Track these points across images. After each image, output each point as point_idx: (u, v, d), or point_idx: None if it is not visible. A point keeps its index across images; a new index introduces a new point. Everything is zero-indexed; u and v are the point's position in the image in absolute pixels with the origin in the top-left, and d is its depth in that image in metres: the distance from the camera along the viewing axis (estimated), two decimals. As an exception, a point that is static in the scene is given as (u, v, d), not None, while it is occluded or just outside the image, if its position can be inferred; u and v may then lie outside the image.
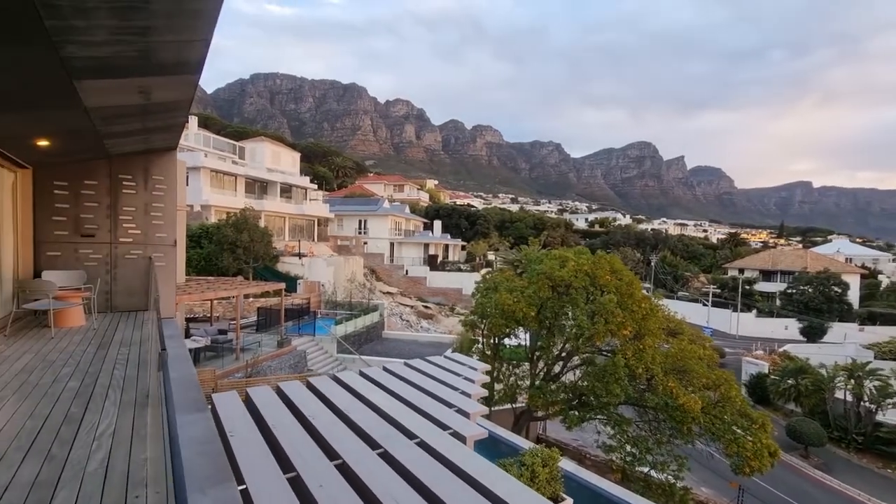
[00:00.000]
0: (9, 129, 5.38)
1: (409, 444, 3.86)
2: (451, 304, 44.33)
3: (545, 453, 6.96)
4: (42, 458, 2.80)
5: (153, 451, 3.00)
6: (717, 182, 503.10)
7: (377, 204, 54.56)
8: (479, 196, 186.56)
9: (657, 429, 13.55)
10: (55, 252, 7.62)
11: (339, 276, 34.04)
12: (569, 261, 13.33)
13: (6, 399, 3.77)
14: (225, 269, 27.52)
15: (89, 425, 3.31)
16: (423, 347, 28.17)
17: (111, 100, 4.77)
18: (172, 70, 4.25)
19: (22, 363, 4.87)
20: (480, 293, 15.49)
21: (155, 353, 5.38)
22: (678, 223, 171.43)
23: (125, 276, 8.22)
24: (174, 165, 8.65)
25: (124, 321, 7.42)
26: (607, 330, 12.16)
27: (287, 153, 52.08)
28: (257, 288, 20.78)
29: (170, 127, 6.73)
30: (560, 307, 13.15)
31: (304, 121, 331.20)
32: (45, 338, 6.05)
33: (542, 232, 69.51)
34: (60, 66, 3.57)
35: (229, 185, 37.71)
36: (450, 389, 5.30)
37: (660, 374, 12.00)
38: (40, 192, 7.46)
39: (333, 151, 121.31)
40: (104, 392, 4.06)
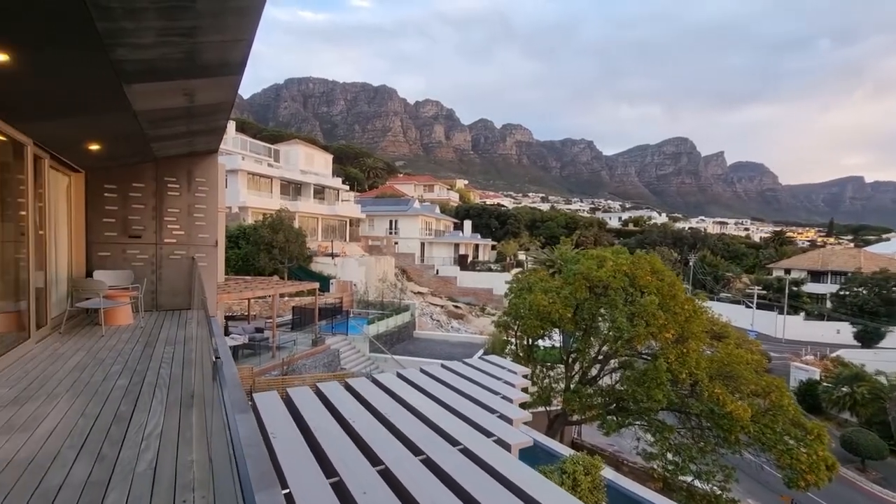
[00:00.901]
0: (64, 135, 5.59)
1: (451, 450, 3.73)
2: (482, 305, 44.05)
3: (587, 461, 6.70)
4: (93, 457, 2.83)
5: (198, 453, 2.98)
6: (759, 178, 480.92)
7: (408, 204, 54.86)
8: (508, 195, 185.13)
9: (700, 436, 12.95)
10: (105, 252, 7.91)
11: (371, 276, 34.37)
12: (607, 261, 12.90)
13: (60, 396, 3.88)
14: (261, 269, 28.26)
15: (138, 425, 3.34)
16: (453, 348, 28.06)
17: (158, 103, 4.86)
18: (216, 71, 4.27)
19: (75, 360, 5.03)
20: (514, 294, 15.23)
21: (200, 352, 5.46)
22: (717, 221, 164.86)
23: (169, 275, 8.46)
24: (215, 168, 8.85)
25: (169, 320, 7.63)
26: (648, 333, 11.69)
27: (320, 155, 53.13)
28: (292, 287, 21.19)
29: (212, 130, 6.85)
30: (597, 308, 12.75)
31: (336, 123, 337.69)
32: (97, 335, 6.27)
33: (574, 231, 68.14)
34: (111, 69, 3.63)
35: (265, 186, 38.74)
36: (490, 394, 5.14)
37: (705, 379, 11.43)
38: (92, 194, 7.76)
39: (364, 153, 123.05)
40: (151, 391, 4.12)
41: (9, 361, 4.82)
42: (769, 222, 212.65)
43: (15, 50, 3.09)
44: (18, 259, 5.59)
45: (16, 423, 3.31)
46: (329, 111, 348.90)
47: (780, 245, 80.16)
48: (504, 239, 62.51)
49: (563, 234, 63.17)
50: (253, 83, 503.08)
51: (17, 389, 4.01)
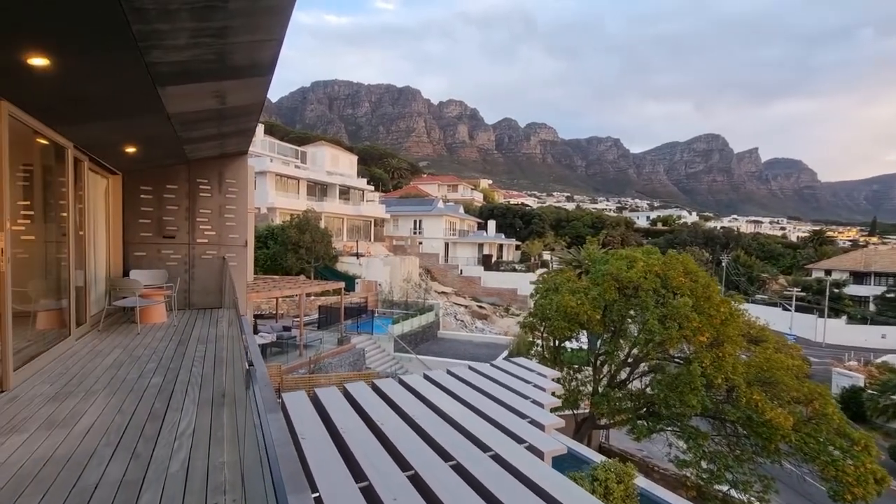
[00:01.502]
0: (102, 137, 5.75)
1: (483, 457, 3.63)
2: (506, 305, 43.71)
3: (619, 468, 6.48)
4: (129, 455, 2.85)
5: (230, 454, 2.97)
6: (796, 175, 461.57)
7: (432, 204, 54.94)
8: (532, 195, 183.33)
9: (736, 444, 12.43)
10: (141, 252, 8.14)
11: (396, 276, 34.55)
12: (637, 261, 12.53)
13: (98, 393, 3.96)
14: (288, 269, 28.77)
15: (171, 423, 3.37)
16: (478, 348, 27.90)
17: (190, 105, 4.93)
18: (246, 72, 4.29)
19: (112, 357, 5.16)
20: (539, 294, 14.98)
21: (231, 351, 5.52)
22: (751, 220, 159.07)
23: (201, 275, 8.65)
24: (245, 169, 8.99)
25: (201, 318, 7.79)
26: (681, 335, 11.28)
27: (345, 156, 53.78)
28: (319, 287, 21.46)
29: (242, 131, 6.95)
30: (627, 310, 12.40)
31: (361, 125, 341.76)
32: (133, 333, 6.43)
33: (600, 231, 66.87)
34: (145, 72, 3.68)
35: (292, 188, 39.45)
36: (520, 398, 5.01)
37: (742, 385, 10.95)
38: (129, 196, 7.99)
39: (389, 153, 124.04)
40: (184, 389, 4.17)
41: (51, 358, 4.98)
42: (807, 221, 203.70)
43: (54, 54, 3.16)
44: (60, 259, 5.78)
45: (56, 419, 3.39)
46: (354, 113, 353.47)
47: (819, 245, 76.60)
48: (529, 239, 61.87)
49: (589, 234, 62.01)
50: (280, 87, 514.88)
51: (58, 386, 4.12)
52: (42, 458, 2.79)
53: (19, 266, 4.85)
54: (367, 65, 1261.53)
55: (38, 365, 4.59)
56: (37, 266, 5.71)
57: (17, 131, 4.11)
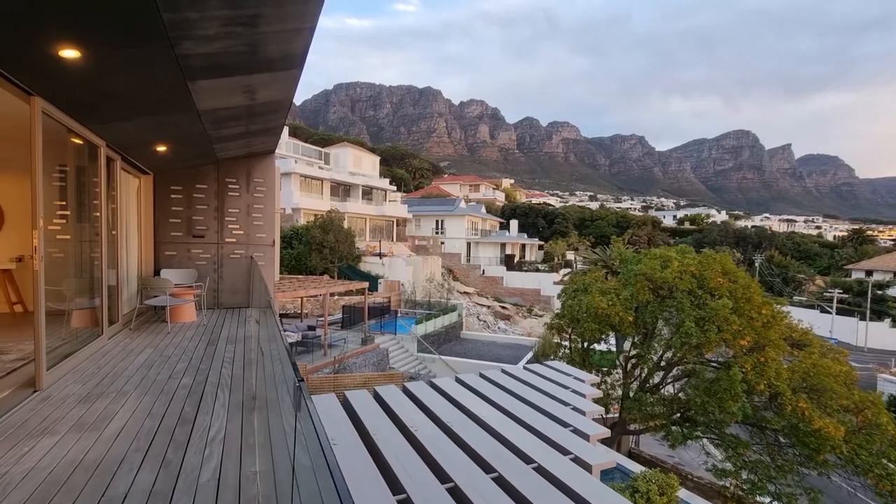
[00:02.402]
0: (134, 136, 5.73)
1: (526, 469, 3.39)
2: (529, 305, 43.18)
3: (661, 479, 6.12)
4: (158, 463, 2.72)
5: (262, 463, 2.82)
6: (832, 172, 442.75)
7: (454, 204, 54.76)
8: (555, 194, 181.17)
9: (777, 453, 11.80)
10: (171, 252, 8.18)
11: (418, 276, 34.48)
12: (672, 261, 12.02)
13: (128, 395, 3.88)
14: (313, 269, 29.01)
15: (201, 428, 3.25)
16: (501, 349, 27.55)
17: (220, 101, 4.84)
18: (277, 65, 4.16)
19: (143, 357, 5.12)
20: (568, 295, 14.58)
21: (258, 351, 5.43)
22: (784, 219, 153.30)
23: (230, 274, 8.65)
24: (273, 168, 8.96)
25: (229, 318, 7.76)
26: (720, 339, 10.75)
27: (367, 157, 54.10)
28: (343, 286, 21.50)
29: (270, 129, 6.88)
30: (661, 312, 11.91)
31: (383, 126, 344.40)
32: (163, 332, 6.42)
33: (626, 230, 65.41)
34: (176, 64, 3.57)
35: (316, 188, 39.86)
36: (559, 404, 4.75)
37: (787, 392, 10.35)
38: (159, 196, 8.04)
39: (410, 154, 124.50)
40: (214, 391, 4.06)
41: (84, 357, 4.97)
42: (845, 219, 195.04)
43: (84, 46, 3.06)
44: (93, 258, 5.80)
45: (86, 421, 3.30)
46: (376, 114, 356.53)
47: (859, 244, 73.07)
48: (552, 238, 60.99)
49: (613, 234, 60.73)
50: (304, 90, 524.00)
51: (90, 386, 4.07)
52: (71, 462, 2.69)
53: (54, 265, 4.86)
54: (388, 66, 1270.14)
55: (70, 364, 4.57)
56: (71, 265, 5.73)
57: (52, 131, 4.08)
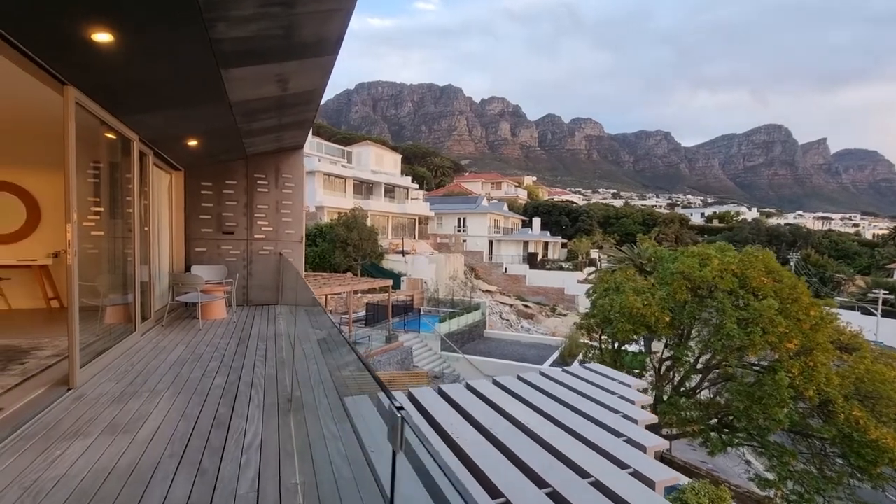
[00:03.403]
0: (166, 130, 5.65)
1: (582, 484, 3.10)
2: (552, 304, 42.47)
3: (711, 491, 5.72)
4: (194, 471, 2.55)
5: (302, 473, 2.61)
6: (871, 167, 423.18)
7: (476, 202, 54.38)
8: (577, 192, 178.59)
9: (824, 463, 11.12)
10: (202, 248, 8.15)
11: (441, 274, 34.30)
12: (711, 259, 11.45)
13: (161, 394, 3.75)
14: (336, 266, 29.13)
15: (237, 432, 3.07)
16: (526, 349, 27.13)
17: (252, 91, 4.69)
18: (311, 51, 3.96)
19: (175, 355, 5.02)
20: (598, 294, 14.11)
21: (289, 350, 5.26)
22: (820, 216, 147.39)
23: (259, 271, 8.58)
24: (301, 164, 8.85)
25: (259, 315, 7.68)
26: (765, 342, 10.16)
27: (389, 155, 54.21)
28: (367, 284, 21.46)
29: (300, 123, 6.73)
30: (700, 312, 11.36)
31: (404, 125, 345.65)
32: (195, 329, 6.35)
33: (652, 228, 63.83)
34: (209, 49, 3.40)
35: (339, 187, 40.09)
36: (608, 412, 4.43)
37: (839, 399, 9.72)
38: (190, 192, 8.01)
39: (432, 152, 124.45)
40: (248, 391, 3.90)
41: (117, 353, 4.90)
42: (884, 217, 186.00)
43: (118, 29, 2.91)
44: (126, 254, 5.74)
45: (119, 422, 3.17)
46: (397, 113, 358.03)
47: (902, 242, 69.44)
48: (575, 236, 59.96)
49: (639, 232, 59.36)
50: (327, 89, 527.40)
51: (123, 384, 3.97)
52: (104, 469, 2.53)
53: (88, 261, 4.80)
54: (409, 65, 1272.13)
55: (104, 361, 4.49)
56: (105, 261, 5.69)
57: (86, 126, 3.98)
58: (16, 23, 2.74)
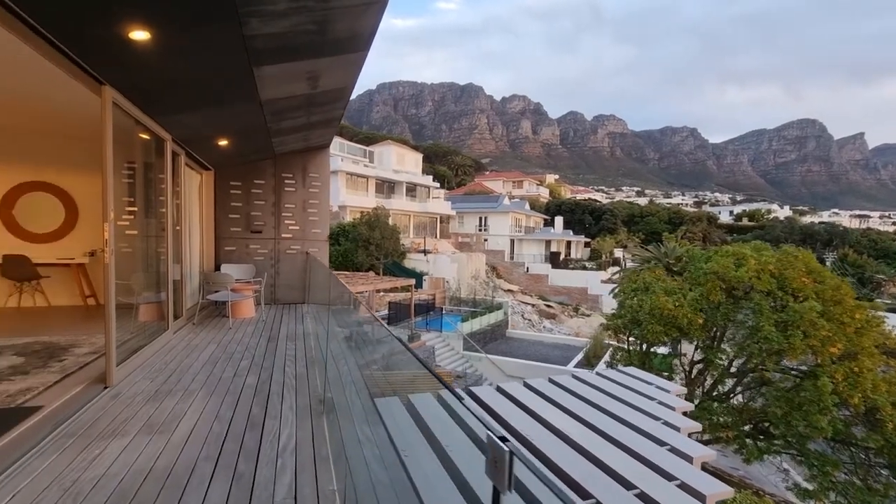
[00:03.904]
0: (198, 130, 5.69)
1: (627, 496, 2.94)
2: (575, 304, 41.84)
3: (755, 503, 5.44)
4: (230, 475, 2.50)
5: (339, 480, 2.54)
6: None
7: (497, 201, 54.05)
8: (600, 190, 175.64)
9: (868, 474, 10.56)
10: (231, 247, 8.24)
11: (463, 273, 34.19)
12: (747, 258, 10.99)
13: (195, 393, 3.75)
14: (359, 265, 29.33)
15: (271, 434, 3.02)
16: (549, 349, 26.78)
17: (282, 90, 4.66)
18: (344, 46, 3.90)
19: (207, 353, 5.05)
20: (626, 294, 13.76)
21: (317, 350, 5.23)
22: (857, 214, 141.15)
23: (286, 270, 8.63)
24: (327, 163, 8.87)
25: (287, 314, 7.71)
26: (806, 345, 9.70)
27: (411, 155, 54.33)
28: (389, 283, 21.52)
29: (328, 121, 6.71)
30: (736, 314, 10.93)
31: (424, 124, 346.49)
32: (225, 328, 6.41)
33: (678, 227, 62.20)
34: (242, 47, 3.37)
35: (361, 186, 40.39)
36: (648, 418, 4.24)
37: (887, 406, 9.20)
38: (220, 191, 8.10)
39: (452, 151, 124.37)
40: (280, 391, 3.87)
41: (151, 351, 4.95)
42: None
43: (154, 27, 2.89)
44: (159, 253, 5.82)
45: (155, 421, 3.17)
46: (417, 112, 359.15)
47: (948, 242, 65.86)
48: (599, 235, 59.00)
49: (665, 231, 57.94)
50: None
51: (158, 383, 3.99)
52: (142, 470, 2.51)
53: (123, 259, 4.86)
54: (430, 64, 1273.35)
55: (139, 360, 4.54)
56: (139, 260, 5.78)
57: (122, 127, 4.01)
58: (59, 25, 2.74)
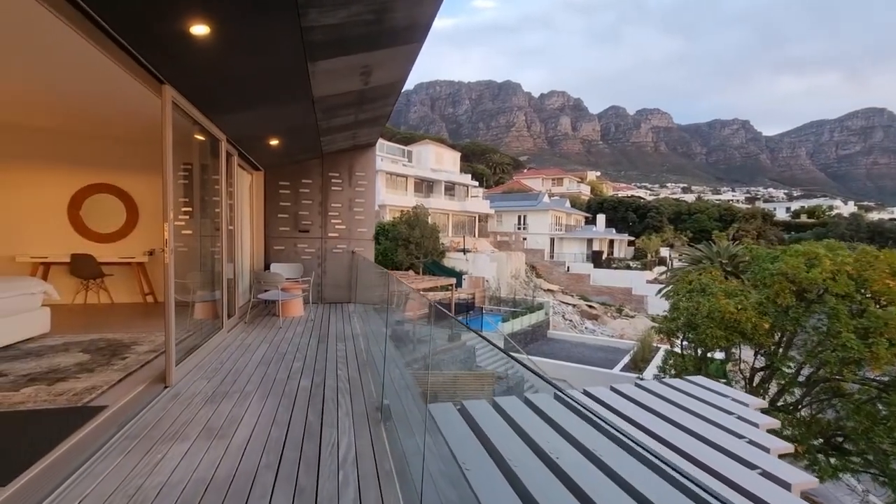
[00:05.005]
0: (251, 130, 5.72)
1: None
2: (619, 305, 40.45)
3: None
4: (292, 487, 2.37)
5: (406, 497, 2.35)
6: None
7: (537, 199, 53.13)
8: (643, 187, 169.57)
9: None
10: (280, 246, 8.33)
11: (502, 272, 33.77)
12: (821, 259, 10.08)
13: (251, 396, 3.70)
14: (399, 264, 29.49)
15: (329, 443, 2.89)
16: (592, 351, 25.99)
17: (335, 86, 4.56)
18: (400, 37, 3.73)
19: (260, 353, 5.04)
20: (681, 296, 13.00)
21: (368, 351, 5.12)
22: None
23: (332, 269, 8.64)
24: (373, 162, 8.81)
25: (334, 313, 7.70)
26: (892, 354, 8.77)
27: (448, 153, 54.24)
28: (431, 282, 21.46)
29: (376, 119, 6.61)
30: (808, 319, 10.06)
31: (461, 123, 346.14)
32: (275, 327, 6.43)
33: (730, 225, 59.00)
34: (300, 41, 3.25)
35: (401, 185, 40.67)
36: (731, 436, 3.83)
37: None
38: (270, 191, 8.20)
39: (490, 149, 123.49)
40: (334, 397, 3.76)
41: (208, 350, 4.99)
42: None
43: (214, 20, 2.81)
44: (213, 252, 5.90)
45: (214, 425, 3.11)
46: (454, 112, 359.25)
47: None
48: (644, 234, 56.84)
49: (715, 229, 55.13)
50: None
51: (214, 384, 3.97)
52: (203, 479, 2.42)
53: (180, 258, 4.93)
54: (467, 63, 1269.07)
55: (196, 359, 4.57)
56: (195, 259, 5.87)
57: (179, 128, 4.02)
58: (123, 21, 2.71)
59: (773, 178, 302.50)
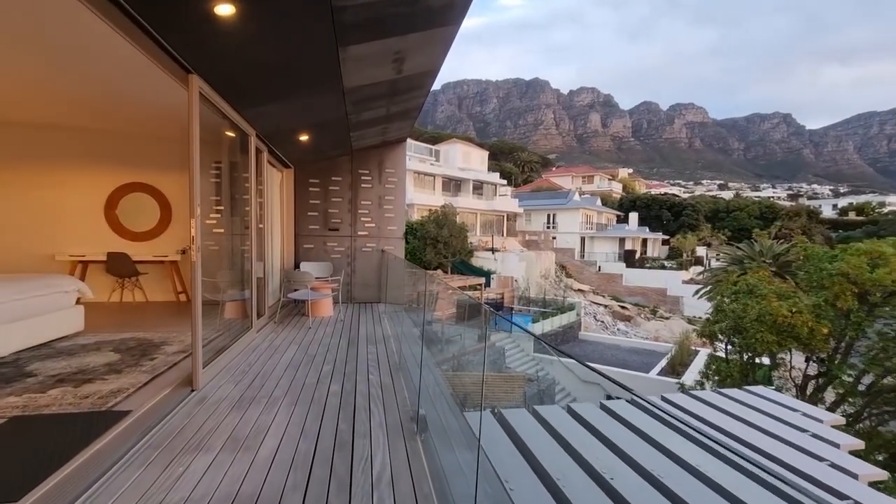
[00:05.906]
0: (281, 123, 5.57)
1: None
2: (653, 306, 39.11)
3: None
4: (322, 511, 2.12)
5: (449, 528, 2.07)
6: None
7: (566, 197, 52.06)
8: (677, 184, 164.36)
9: None
10: (309, 245, 8.22)
11: (532, 272, 33.16)
12: (888, 258, 9.25)
13: (279, 401, 3.50)
14: (427, 263, 29.32)
15: (362, 459, 2.64)
16: (626, 354, 25.16)
17: (367, 75, 4.33)
18: (436, 18, 3.45)
19: (289, 355, 4.87)
20: (728, 297, 12.26)
21: (400, 355, 4.87)
22: None
23: (362, 268, 8.47)
24: (403, 158, 8.60)
25: (363, 313, 7.52)
26: (973, 365, 7.94)
27: (476, 152, 53.77)
28: (460, 282, 21.20)
29: (407, 112, 6.37)
30: (871, 323, 9.25)
31: (489, 121, 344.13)
32: (304, 327, 6.29)
33: (772, 223, 56.20)
34: (330, 23, 3.02)
35: (428, 184, 40.56)
36: (810, 459, 3.39)
37: None
38: (299, 189, 8.10)
39: (518, 147, 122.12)
40: (366, 404, 3.52)
41: (237, 350, 4.86)
42: None
43: None
44: (243, 251, 5.79)
45: (240, 434, 2.91)
46: (482, 110, 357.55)
47: None
48: (679, 232, 54.84)
49: (756, 227, 52.68)
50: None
51: (242, 388, 3.80)
52: (227, 495, 2.21)
53: (210, 257, 4.82)
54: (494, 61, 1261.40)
55: (224, 360, 4.43)
56: (225, 257, 5.78)
57: (209, 123, 3.86)
58: (145, 4, 2.54)
59: (817, 174, 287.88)
